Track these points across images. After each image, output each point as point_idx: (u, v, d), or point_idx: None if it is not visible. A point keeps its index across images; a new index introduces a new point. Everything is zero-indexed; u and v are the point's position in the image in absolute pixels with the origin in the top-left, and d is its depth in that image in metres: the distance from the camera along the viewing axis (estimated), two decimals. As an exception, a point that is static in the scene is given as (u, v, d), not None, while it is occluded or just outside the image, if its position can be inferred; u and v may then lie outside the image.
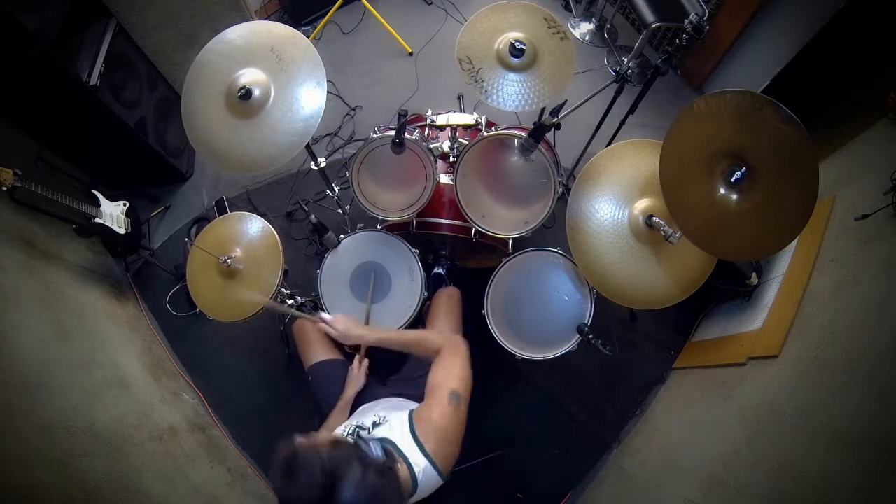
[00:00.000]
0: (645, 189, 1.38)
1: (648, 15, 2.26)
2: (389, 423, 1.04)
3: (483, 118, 1.72)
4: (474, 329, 1.69)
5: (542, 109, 1.65)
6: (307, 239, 2.40)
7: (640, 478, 1.77)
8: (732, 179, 1.09)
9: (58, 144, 2.09)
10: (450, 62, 1.53)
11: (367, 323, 1.59)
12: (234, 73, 1.36)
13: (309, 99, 1.33)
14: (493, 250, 1.83)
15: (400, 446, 0.95)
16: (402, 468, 0.90)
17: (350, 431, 1.05)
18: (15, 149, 1.92)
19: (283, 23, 1.73)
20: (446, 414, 0.98)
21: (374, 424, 1.03)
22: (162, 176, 2.52)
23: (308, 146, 1.44)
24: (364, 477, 0.78)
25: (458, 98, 2.41)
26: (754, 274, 1.81)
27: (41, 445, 1.31)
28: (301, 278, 2.26)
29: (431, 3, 3.11)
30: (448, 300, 1.65)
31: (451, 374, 1.05)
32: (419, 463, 0.95)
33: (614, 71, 2.82)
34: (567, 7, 3.08)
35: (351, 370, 1.44)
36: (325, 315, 1.26)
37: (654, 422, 1.99)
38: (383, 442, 0.92)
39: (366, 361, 1.46)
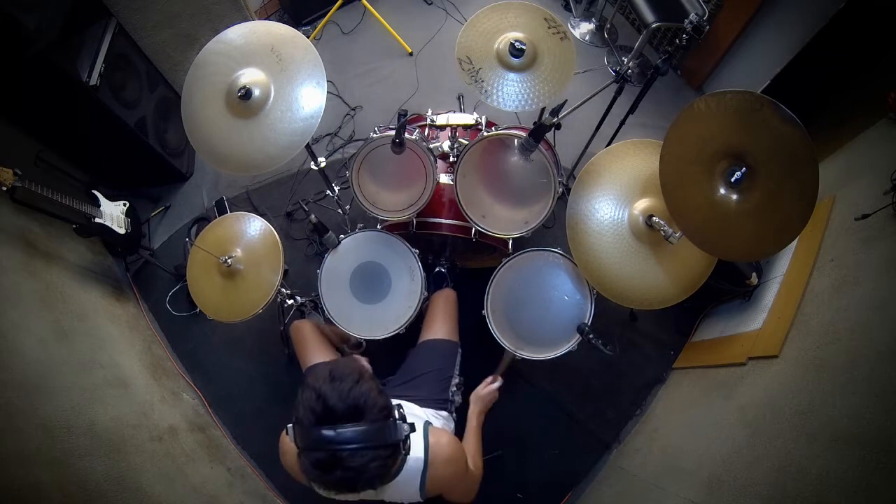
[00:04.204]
0: (645, 189, 1.38)
1: (648, 15, 2.26)
2: (406, 409, 1.07)
3: (483, 118, 1.72)
4: (474, 329, 1.69)
5: (542, 109, 1.65)
6: (307, 239, 2.40)
7: (640, 478, 1.77)
8: (732, 179, 1.09)
9: (58, 144, 2.09)
10: (450, 62, 1.53)
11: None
12: (234, 73, 1.36)
13: (309, 99, 1.33)
14: (493, 250, 1.83)
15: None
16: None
17: None
18: (15, 149, 1.92)
19: (283, 23, 1.73)
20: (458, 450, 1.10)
21: None
22: (162, 176, 2.51)
23: (308, 146, 1.44)
24: (378, 431, 0.80)
25: (458, 98, 2.42)
26: (754, 274, 1.81)
27: (41, 445, 1.31)
28: (301, 278, 2.27)
29: (431, 3, 3.11)
30: (445, 302, 1.66)
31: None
32: (417, 454, 0.96)
33: (614, 71, 2.82)
34: (567, 7, 3.08)
35: None
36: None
37: (654, 422, 1.99)
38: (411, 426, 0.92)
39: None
